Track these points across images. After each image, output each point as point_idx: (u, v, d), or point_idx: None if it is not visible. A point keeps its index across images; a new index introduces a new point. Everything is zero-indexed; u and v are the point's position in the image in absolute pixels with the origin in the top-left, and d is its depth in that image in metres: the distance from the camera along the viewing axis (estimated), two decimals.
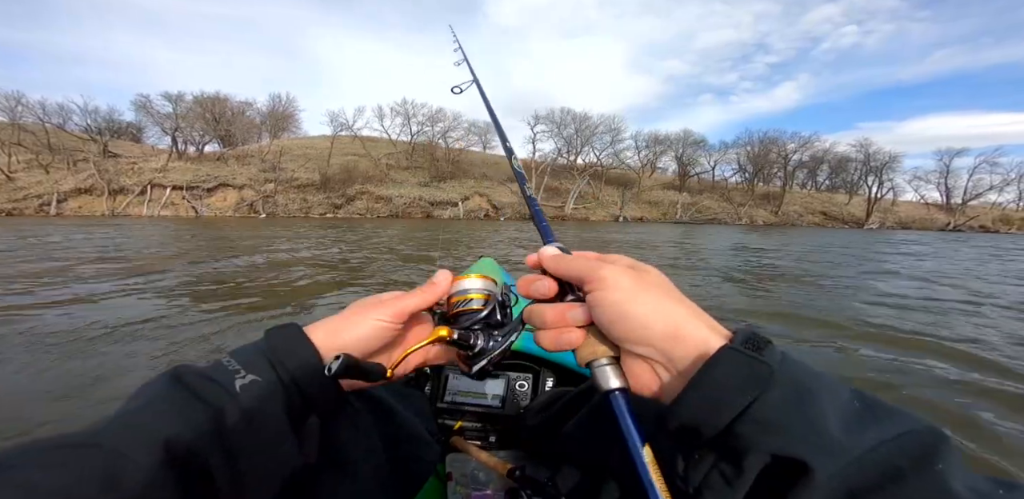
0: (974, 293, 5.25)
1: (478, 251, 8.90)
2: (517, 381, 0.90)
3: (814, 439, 0.26)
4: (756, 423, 0.28)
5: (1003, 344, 3.14)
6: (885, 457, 0.26)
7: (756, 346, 0.30)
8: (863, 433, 0.27)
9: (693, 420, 0.29)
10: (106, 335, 2.89)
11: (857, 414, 0.28)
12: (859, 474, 0.25)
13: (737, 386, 0.28)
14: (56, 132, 31.42)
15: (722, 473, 0.29)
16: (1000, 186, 46.20)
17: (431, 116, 40.12)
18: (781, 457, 0.27)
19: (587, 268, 0.36)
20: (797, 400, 0.28)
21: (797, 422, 0.27)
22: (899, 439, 0.26)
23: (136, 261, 6.28)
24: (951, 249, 13.42)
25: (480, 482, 0.75)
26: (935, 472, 0.25)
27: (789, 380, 0.29)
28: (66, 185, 26.89)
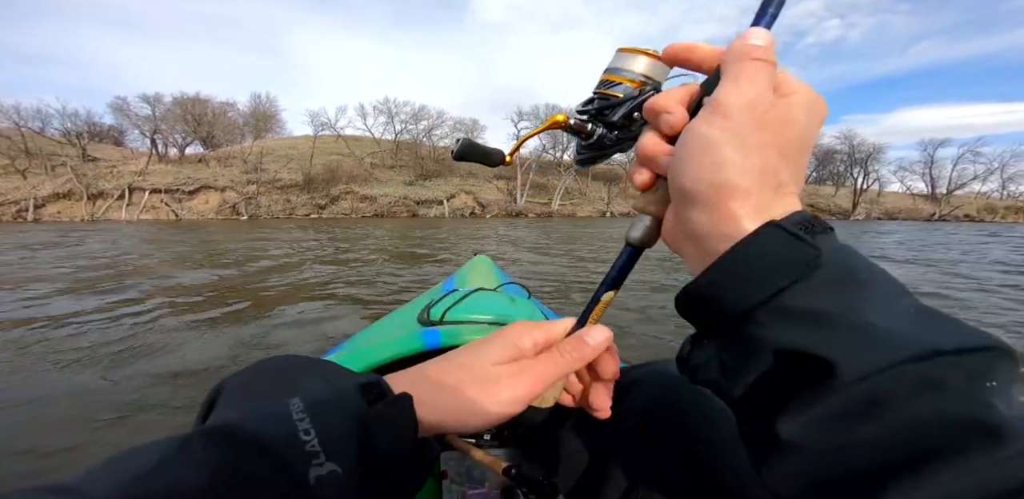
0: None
1: (462, 248, 8.84)
2: None
3: (849, 336, 0.22)
4: (785, 311, 0.24)
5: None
6: (928, 366, 0.21)
7: (809, 229, 0.25)
8: (907, 336, 0.22)
9: (714, 300, 0.26)
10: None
11: (906, 316, 0.23)
12: (890, 379, 0.21)
13: (773, 267, 0.24)
14: (33, 136, 30.93)
15: (723, 364, 0.26)
16: (984, 176, 46.67)
17: (414, 114, 39.91)
18: (803, 354, 0.23)
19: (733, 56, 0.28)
20: (841, 294, 0.24)
21: (837, 319, 0.23)
22: (954, 353, 0.22)
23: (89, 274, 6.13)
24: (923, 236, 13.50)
25: (475, 480, 0.75)
26: (985, 389, 0.21)
27: (840, 270, 0.24)
28: (44, 190, 26.51)
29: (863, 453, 0.21)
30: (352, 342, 1.26)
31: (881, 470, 0.21)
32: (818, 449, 0.22)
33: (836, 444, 0.22)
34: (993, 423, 0.19)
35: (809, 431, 0.22)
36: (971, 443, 0.19)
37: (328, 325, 3.38)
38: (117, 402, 2.08)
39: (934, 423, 0.20)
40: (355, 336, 1.36)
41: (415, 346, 0.86)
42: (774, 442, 0.23)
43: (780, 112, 0.26)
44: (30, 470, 1.57)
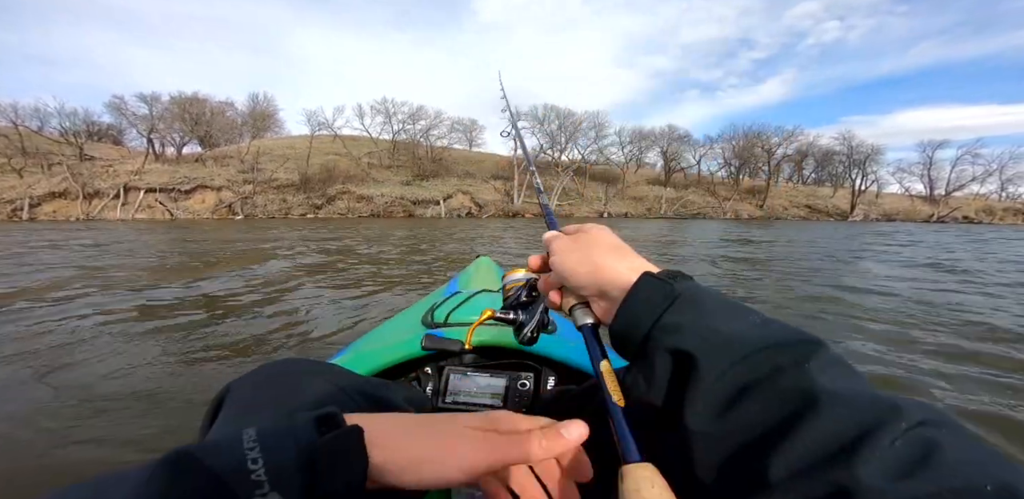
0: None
1: (463, 248, 8.79)
2: (518, 380, 0.89)
3: (705, 339, 0.32)
4: (664, 329, 0.34)
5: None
6: (768, 357, 0.30)
7: (671, 276, 0.38)
8: (751, 339, 0.32)
9: (623, 332, 0.37)
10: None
11: (752, 327, 0.33)
12: (743, 372, 0.30)
13: (652, 302, 0.36)
14: (30, 135, 30.88)
15: (643, 375, 0.35)
16: (982, 177, 46.66)
17: (412, 114, 39.87)
18: (676, 351, 0.33)
19: (547, 239, 0.49)
20: (694, 310, 0.34)
21: (691, 325, 0.33)
22: (780, 345, 0.31)
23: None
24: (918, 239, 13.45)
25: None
26: (803, 368, 0.29)
27: (690, 297, 0.36)
28: (40, 189, 26.45)
29: (747, 430, 0.29)
30: (358, 345, 1.25)
31: (762, 441, 0.27)
32: (716, 432, 0.29)
33: (727, 426, 0.29)
34: (815, 392, 0.27)
35: (706, 419, 0.30)
36: (802, 409, 0.27)
37: (331, 325, 3.35)
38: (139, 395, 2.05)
39: (785, 397, 0.28)
40: (361, 339, 1.35)
41: (420, 349, 0.88)
42: (686, 434, 0.30)
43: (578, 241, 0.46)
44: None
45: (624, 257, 0.42)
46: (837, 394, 0.27)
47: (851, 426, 0.25)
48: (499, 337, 0.92)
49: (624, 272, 0.40)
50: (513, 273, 0.63)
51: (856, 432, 0.25)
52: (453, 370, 0.92)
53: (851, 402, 0.26)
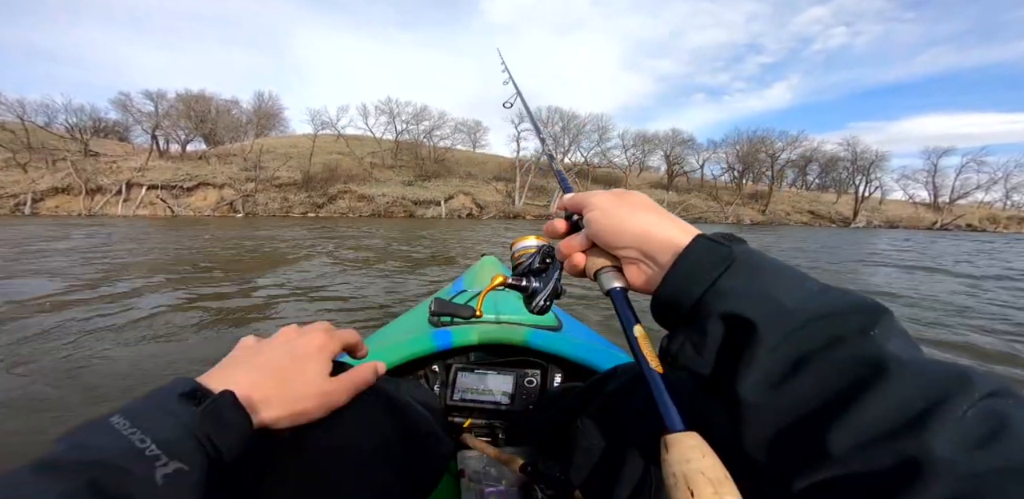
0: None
1: (459, 248, 8.77)
2: (526, 377, 0.90)
3: (763, 304, 0.30)
4: (718, 294, 0.32)
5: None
6: (829, 325, 0.29)
7: (726, 238, 0.36)
8: (810, 305, 0.30)
9: (672, 297, 0.34)
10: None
11: (810, 293, 0.31)
12: (803, 339, 0.28)
13: (705, 265, 0.33)
14: (36, 131, 31.10)
15: (692, 342, 0.33)
16: (987, 185, 46.37)
17: (416, 114, 39.92)
18: (733, 316, 0.30)
19: (581, 197, 0.45)
20: (753, 275, 0.32)
21: (750, 290, 0.31)
22: (843, 313, 0.29)
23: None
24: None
25: (493, 478, 0.75)
26: (869, 337, 0.27)
27: (748, 261, 0.33)
28: (43, 184, 26.61)
29: (805, 401, 0.27)
30: (366, 343, 1.22)
31: (822, 412, 0.26)
32: (772, 403, 0.28)
33: (784, 397, 0.28)
34: (882, 361, 0.26)
35: (761, 389, 0.28)
36: (868, 379, 0.25)
37: (338, 324, 3.30)
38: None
39: (846, 366, 0.27)
40: (369, 337, 1.36)
41: (427, 347, 0.89)
42: (739, 404, 0.29)
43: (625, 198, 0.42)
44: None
45: (674, 220, 0.40)
46: (905, 362, 0.26)
47: (921, 395, 0.24)
48: (506, 334, 0.93)
49: (677, 234, 0.37)
50: (522, 240, 0.60)
51: (926, 402, 0.24)
52: (460, 368, 0.92)
53: (920, 371, 0.25)
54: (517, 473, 0.70)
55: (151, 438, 0.29)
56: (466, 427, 0.88)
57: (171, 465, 0.29)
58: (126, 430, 0.30)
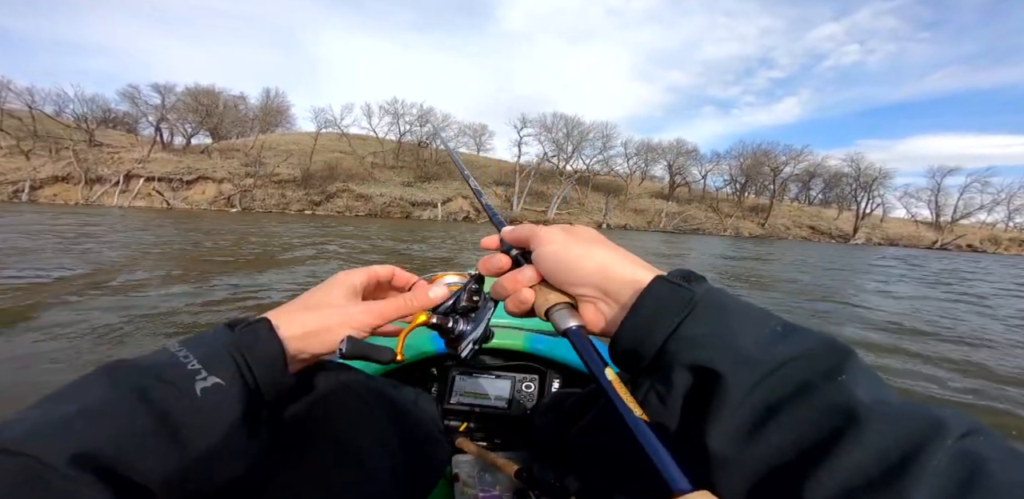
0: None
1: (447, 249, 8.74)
2: (523, 382, 0.89)
3: (729, 353, 0.29)
4: (681, 341, 0.31)
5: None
6: (796, 371, 0.28)
7: (685, 279, 0.34)
8: (776, 350, 0.29)
9: (633, 343, 0.33)
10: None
11: (775, 335, 0.30)
12: (771, 388, 0.27)
13: (666, 309, 0.32)
14: (43, 119, 31.41)
15: (657, 392, 0.31)
16: (990, 206, 46.17)
17: (420, 116, 40.13)
18: (699, 368, 0.29)
19: (528, 230, 0.43)
20: (716, 320, 0.31)
21: (714, 338, 0.30)
22: (808, 355, 0.29)
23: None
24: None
25: (487, 483, 0.75)
26: (839, 382, 0.27)
27: (710, 304, 0.32)
28: (44, 172, 26.83)
29: (778, 454, 0.26)
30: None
31: (797, 465, 0.25)
32: (744, 457, 0.27)
33: (755, 448, 0.27)
34: (854, 409, 0.25)
35: (731, 441, 0.27)
36: (842, 429, 0.25)
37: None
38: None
39: (817, 416, 0.26)
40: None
41: (426, 350, 0.88)
42: (711, 457, 0.28)
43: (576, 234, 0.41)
44: None
45: (629, 257, 0.39)
46: (876, 409, 0.25)
47: (896, 444, 0.24)
48: (506, 338, 0.92)
49: (637, 272, 0.36)
50: (442, 277, 0.54)
51: (902, 450, 0.23)
52: (458, 371, 0.91)
53: (893, 417, 0.25)
54: (512, 478, 0.69)
55: (195, 356, 0.34)
56: (462, 431, 0.88)
57: (210, 379, 0.33)
58: (178, 350, 0.35)
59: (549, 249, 0.40)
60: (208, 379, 0.33)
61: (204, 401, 0.32)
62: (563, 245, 0.39)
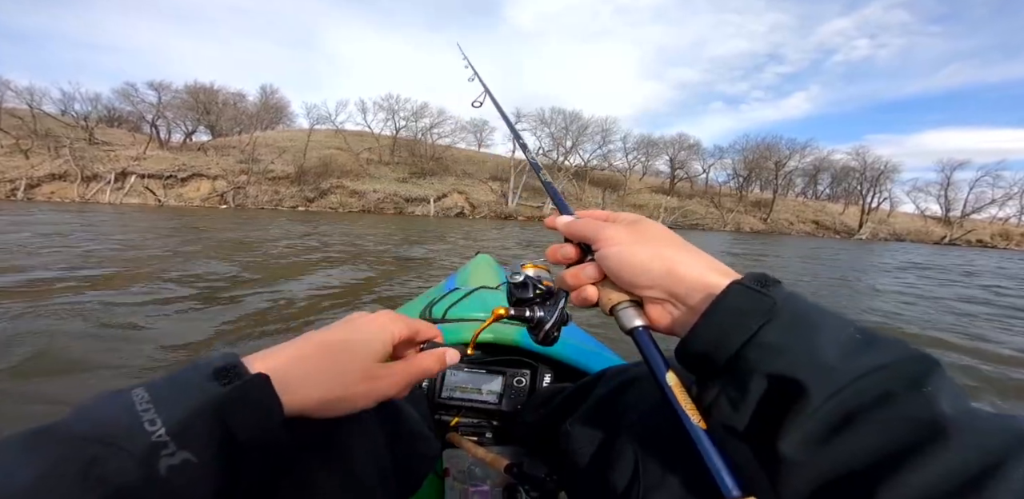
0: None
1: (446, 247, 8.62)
2: (515, 377, 0.89)
3: (811, 362, 0.28)
4: (760, 348, 0.30)
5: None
6: (878, 381, 0.27)
7: (763, 283, 0.33)
8: (859, 360, 0.28)
9: (706, 347, 0.32)
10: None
11: (857, 344, 0.30)
12: (853, 397, 0.27)
13: (745, 315, 0.31)
14: (42, 117, 31.80)
15: (729, 397, 0.31)
16: (1002, 200, 44.81)
17: (415, 111, 39.97)
18: (780, 377, 0.29)
19: (591, 229, 0.41)
20: (798, 328, 0.30)
21: (797, 347, 0.29)
22: (892, 365, 0.28)
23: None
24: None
25: (478, 478, 0.76)
26: (923, 394, 0.26)
27: (792, 311, 0.31)
28: (42, 170, 27.17)
29: (851, 460, 0.25)
30: None
31: (870, 473, 0.25)
32: (815, 462, 0.26)
33: (829, 455, 0.26)
34: (938, 421, 0.25)
35: (804, 447, 0.27)
36: (924, 440, 0.24)
37: (327, 319, 3.24)
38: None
39: (898, 425, 0.25)
40: None
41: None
42: (779, 461, 0.27)
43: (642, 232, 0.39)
44: None
45: (700, 257, 0.37)
46: (960, 420, 0.25)
47: (978, 458, 0.23)
48: (497, 334, 0.92)
49: (708, 273, 0.35)
50: (525, 269, 0.56)
51: (983, 464, 0.23)
52: (450, 366, 0.83)
53: (978, 430, 0.24)
54: (502, 473, 0.70)
55: (163, 420, 0.26)
56: (453, 426, 0.88)
57: (178, 455, 0.26)
58: (141, 406, 0.27)
59: (612, 251, 0.38)
60: (176, 455, 0.26)
61: (169, 484, 0.25)
62: (627, 246, 0.38)
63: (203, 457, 0.26)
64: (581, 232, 0.42)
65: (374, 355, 0.38)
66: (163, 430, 0.26)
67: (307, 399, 0.33)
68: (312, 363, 0.35)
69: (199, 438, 0.27)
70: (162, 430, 0.26)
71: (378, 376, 0.38)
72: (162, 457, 0.25)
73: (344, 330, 0.39)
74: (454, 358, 0.45)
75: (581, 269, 0.41)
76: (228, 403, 0.28)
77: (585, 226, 0.42)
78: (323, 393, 0.34)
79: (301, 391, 0.33)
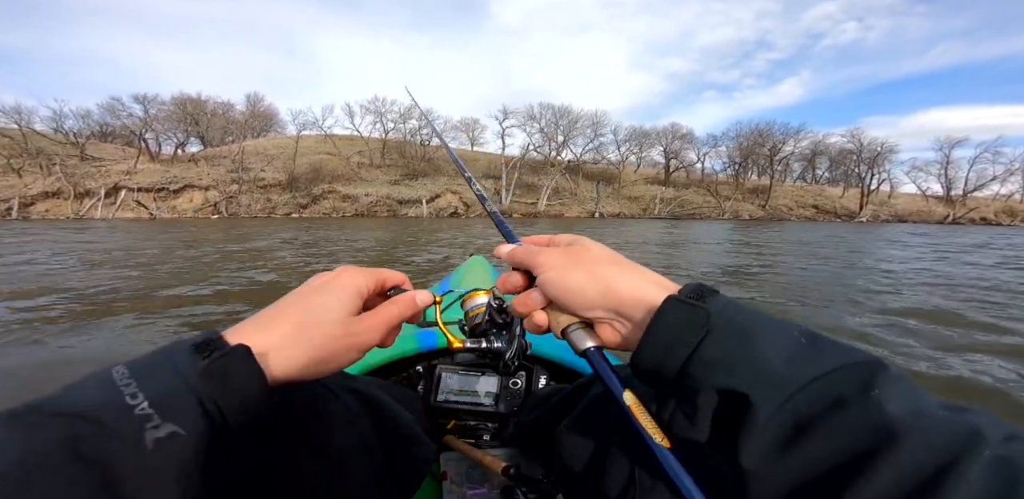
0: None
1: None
2: (510, 379, 0.89)
3: (755, 373, 0.28)
4: (703, 363, 0.30)
5: None
6: (826, 387, 0.27)
7: (699, 296, 0.33)
8: (804, 367, 0.28)
9: (653, 365, 0.32)
10: None
11: (801, 349, 0.29)
12: (801, 406, 0.27)
13: (682, 331, 0.31)
14: (34, 136, 31.89)
15: (683, 412, 0.31)
16: (1003, 176, 44.07)
17: (403, 113, 39.70)
18: (726, 391, 0.29)
19: (529, 255, 0.41)
20: (736, 340, 0.30)
21: (738, 359, 0.29)
22: (838, 371, 0.28)
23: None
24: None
25: (475, 480, 0.77)
26: (871, 397, 0.26)
27: (728, 322, 0.31)
28: (35, 189, 27.29)
29: (810, 469, 0.26)
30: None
31: (831, 480, 0.25)
32: (776, 472, 0.27)
33: (789, 466, 0.26)
34: (888, 424, 0.25)
35: (762, 459, 0.27)
36: (877, 444, 0.24)
37: None
38: None
39: (851, 432, 0.25)
40: None
41: (412, 347, 0.89)
42: (743, 474, 0.28)
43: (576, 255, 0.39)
44: None
45: (637, 272, 0.37)
46: (910, 422, 0.25)
47: (932, 458, 0.23)
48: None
49: (646, 288, 0.35)
50: (475, 297, 0.55)
51: (937, 464, 0.23)
52: (444, 369, 0.90)
53: (927, 430, 0.25)
54: (500, 476, 0.70)
55: (145, 394, 0.26)
56: (450, 429, 0.88)
57: (164, 428, 0.25)
58: (122, 381, 0.26)
59: (549, 276, 0.38)
60: (162, 428, 0.25)
61: (157, 456, 0.25)
62: (562, 271, 0.38)
63: (190, 428, 0.26)
64: (520, 260, 0.42)
65: (346, 310, 0.38)
66: (146, 403, 0.25)
67: (291, 365, 0.33)
68: (290, 329, 0.34)
69: (183, 410, 0.26)
70: (145, 403, 0.25)
71: (355, 331, 0.37)
72: (147, 430, 0.25)
73: (312, 292, 0.38)
74: (425, 299, 0.44)
75: (527, 296, 0.41)
76: (210, 375, 0.28)
77: (524, 253, 0.42)
78: (306, 357, 0.34)
79: (283, 359, 0.33)
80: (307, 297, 0.38)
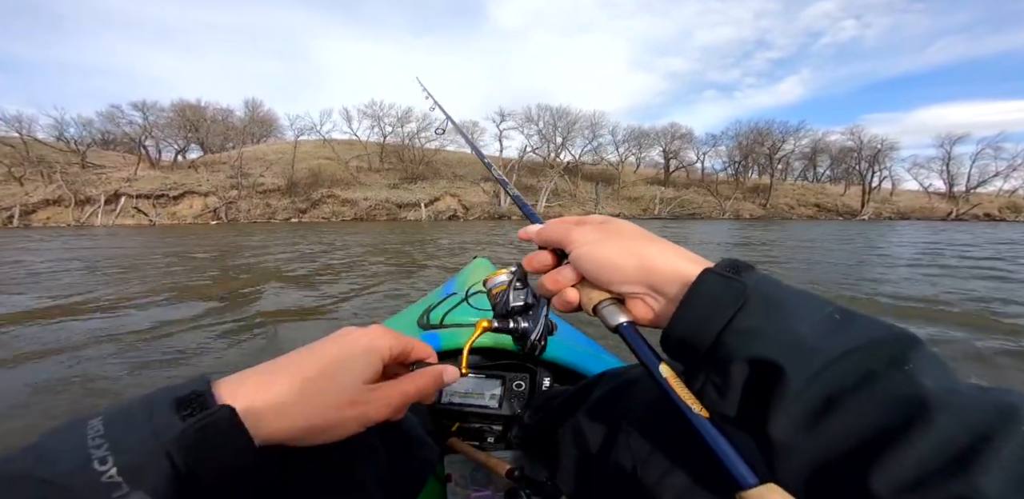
0: None
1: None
2: (514, 381, 0.90)
3: (788, 344, 0.28)
4: (738, 333, 0.30)
5: None
6: (859, 361, 0.27)
7: (735, 270, 0.33)
8: (837, 340, 0.28)
9: (686, 336, 0.33)
10: None
11: (835, 324, 0.30)
12: (833, 378, 0.27)
13: (719, 302, 0.31)
14: (35, 145, 32.11)
15: (714, 384, 0.31)
16: (1006, 172, 43.74)
17: (400, 117, 39.82)
18: (759, 361, 0.29)
19: (561, 232, 0.41)
20: (772, 311, 0.30)
21: (772, 330, 0.29)
22: (871, 345, 0.28)
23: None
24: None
25: (479, 483, 0.77)
26: (904, 372, 0.26)
27: (764, 295, 0.31)
28: (36, 197, 27.45)
29: (842, 442, 0.26)
30: None
31: (861, 454, 0.25)
32: (806, 445, 0.27)
33: (819, 438, 0.27)
34: (922, 398, 0.25)
35: (794, 430, 0.27)
36: (910, 419, 0.24)
37: (319, 330, 3.17)
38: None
39: (884, 404, 0.25)
40: None
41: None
42: (772, 445, 0.28)
43: (610, 231, 0.39)
44: None
45: (672, 248, 0.37)
46: (944, 397, 0.25)
47: (966, 432, 0.23)
48: (495, 338, 0.92)
49: (681, 263, 0.35)
50: (495, 276, 0.54)
51: (971, 439, 0.23)
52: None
53: (962, 405, 0.24)
54: (504, 478, 0.70)
55: (115, 458, 0.24)
56: (454, 431, 0.88)
57: (133, 496, 0.24)
58: (93, 442, 0.25)
59: (584, 250, 0.39)
60: (130, 496, 0.24)
61: None
62: (598, 245, 0.38)
63: (160, 496, 0.25)
64: (552, 237, 0.42)
65: (361, 376, 0.35)
66: (114, 470, 0.24)
67: (285, 429, 0.31)
68: (290, 388, 0.32)
69: (155, 478, 0.25)
70: (113, 470, 0.24)
71: (366, 400, 0.35)
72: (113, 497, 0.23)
73: (329, 348, 0.36)
74: (452, 376, 0.42)
75: (558, 273, 0.41)
76: (187, 440, 0.26)
77: (555, 230, 0.42)
78: (303, 422, 0.31)
79: (277, 421, 0.30)
80: (322, 354, 0.35)
